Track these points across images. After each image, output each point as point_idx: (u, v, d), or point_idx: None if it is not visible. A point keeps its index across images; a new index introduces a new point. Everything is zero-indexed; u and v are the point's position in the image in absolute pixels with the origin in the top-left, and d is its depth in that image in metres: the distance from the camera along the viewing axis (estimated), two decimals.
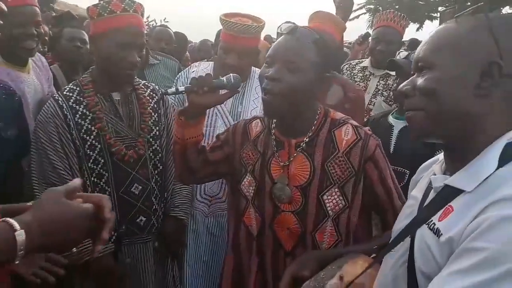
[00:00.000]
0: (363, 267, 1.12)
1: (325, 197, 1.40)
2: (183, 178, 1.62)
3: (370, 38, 3.05)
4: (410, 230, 0.94)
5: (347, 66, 3.01)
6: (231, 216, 1.62)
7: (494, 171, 0.83)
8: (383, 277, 1.02)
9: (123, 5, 1.65)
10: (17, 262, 0.82)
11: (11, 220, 0.82)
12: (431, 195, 0.95)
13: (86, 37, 2.74)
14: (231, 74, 1.41)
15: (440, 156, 1.01)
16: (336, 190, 1.39)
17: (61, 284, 1.85)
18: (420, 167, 1.12)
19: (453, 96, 0.87)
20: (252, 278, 1.52)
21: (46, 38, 2.69)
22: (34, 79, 2.14)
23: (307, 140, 1.42)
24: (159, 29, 3.84)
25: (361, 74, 2.89)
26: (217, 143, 1.58)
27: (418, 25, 11.89)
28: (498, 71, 0.84)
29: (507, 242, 0.72)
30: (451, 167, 0.93)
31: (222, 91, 1.45)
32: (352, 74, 2.91)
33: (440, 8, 10.79)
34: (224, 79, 1.40)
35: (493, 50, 0.85)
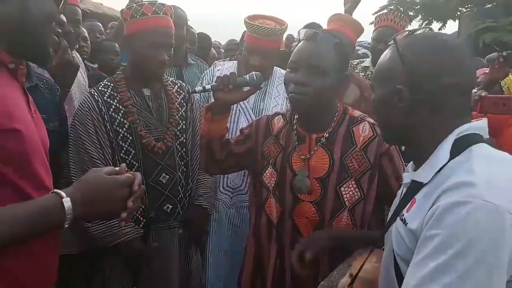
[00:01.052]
0: (371, 261, 1.22)
1: (342, 188, 1.50)
2: (208, 169, 1.73)
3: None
4: (390, 222, 1.07)
5: (358, 65, 3.07)
6: (252, 205, 1.72)
7: (447, 163, 0.94)
8: (381, 266, 1.13)
9: (154, 8, 1.79)
10: (66, 226, 0.97)
11: (59, 191, 0.98)
12: (404, 190, 1.08)
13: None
14: (253, 72, 1.51)
15: None
16: (353, 182, 1.49)
17: (92, 265, 2.01)
18: (407, 166, 1.22)
19: (384, 114, 1.06)
20: (272, 264, 1.62)
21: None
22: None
23: (327, 135, 1.52)
24: None
25: (363, 74, 2.94)
26: (240, 137, 1.69)
27: (441, 24, 11.75)
28: (405, 95, 0.98)
29: (454, 225, 0.82)
30: (415, 165, 1.06)
31: (245, 88, 1.56)
32: (365, 75, 2.97)
33: (460, 8, 10.69)
34: (247, 77, 1.51)
35: (401, 75, 0.99)
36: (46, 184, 1.05)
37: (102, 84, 1.89)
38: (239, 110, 2.36)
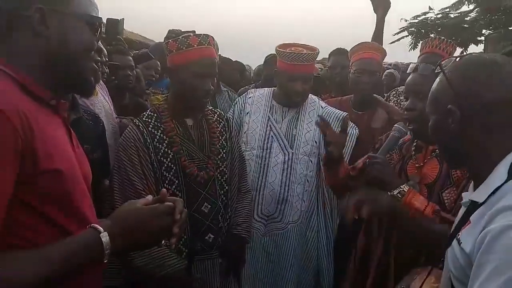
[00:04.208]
0: (429, 282, 1.22)
1: (444, 194, 1.63)
2: (340, 196, 2.07)
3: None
4: (449, 242, 1.07)
5: (394, 92, 3.08)
6: None
7: (503, 183, 0.93)
8: (440, 287, 1.14)
9: (199, 39, 1.82)
10: (105, 261, 0.97)
11: (96, 225, 0.99)
12: (462, 209, 1.10)
13: None
14: (397, 125, 1.74)
15: None
16: (454, 189, 1.62)
17: None
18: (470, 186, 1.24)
19: (442, 138, 1.10)
20: (376, 260, 1.74)
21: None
22: (102, 100, 2.32)
23: None
24: None
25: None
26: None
27: (462, 49, 11.62)
28: (456, 115, 1.01)
29: (506, 251, 0.82)
30: (474, 185, 1.07)
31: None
32: (398, 100, 2.98)
33: (484, 31, 10.65)
34: (396, 132, 1.75)
35: (450, 96, 1.03)
36: (90, 221, 1.05)
37: (146, 115, 1.90)
38: (272, 136, 2.38)
